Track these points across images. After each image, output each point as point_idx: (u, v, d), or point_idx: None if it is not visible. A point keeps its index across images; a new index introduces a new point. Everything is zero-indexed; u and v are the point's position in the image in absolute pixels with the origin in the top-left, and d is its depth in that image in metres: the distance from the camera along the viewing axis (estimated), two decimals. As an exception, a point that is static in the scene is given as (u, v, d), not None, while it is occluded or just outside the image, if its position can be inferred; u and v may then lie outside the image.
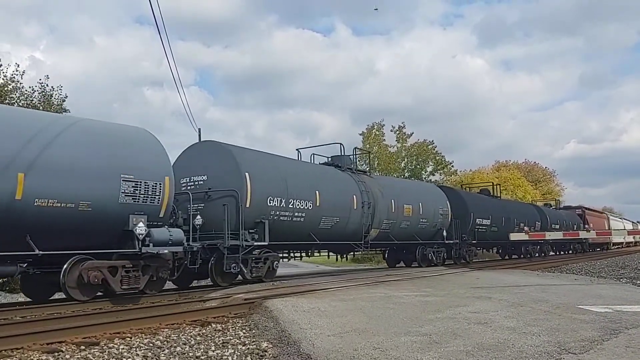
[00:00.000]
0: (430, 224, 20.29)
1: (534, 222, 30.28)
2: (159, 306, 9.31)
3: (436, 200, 21.32)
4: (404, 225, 18.73)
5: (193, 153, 13.48)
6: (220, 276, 12.51)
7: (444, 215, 21.19)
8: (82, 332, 6.61)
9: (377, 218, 17.09)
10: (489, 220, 25.07)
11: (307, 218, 14.07)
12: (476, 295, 9.99)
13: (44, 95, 20.43)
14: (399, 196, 18.69)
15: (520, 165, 62.89)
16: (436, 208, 20.78)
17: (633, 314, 7.18)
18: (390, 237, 18.21)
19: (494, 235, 25.74)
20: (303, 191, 14.06)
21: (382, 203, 17.40)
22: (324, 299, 9.46)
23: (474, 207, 24.08)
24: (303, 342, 5.68)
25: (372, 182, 17.81)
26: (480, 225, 24.28)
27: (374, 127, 41.05)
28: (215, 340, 6.36)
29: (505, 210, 27.65)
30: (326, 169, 16.85)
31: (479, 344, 5.37)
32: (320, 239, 14.54)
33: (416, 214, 19.33)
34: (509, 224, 26.76)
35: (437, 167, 41.42)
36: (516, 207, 31.00)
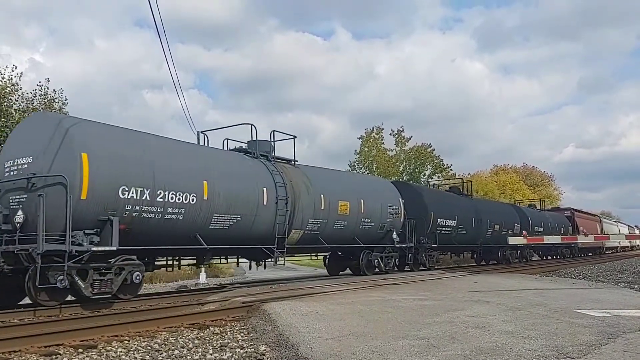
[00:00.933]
0: (376, 224, 17.22)
1: (512, 224, 28.23)
2: (157, 309, 9.31)
3: (385, 196, 18.17)
4: (339, 225, 15.60)
5: (25, 129, 10.54)
6: (46, 292, 9.09)
7: (394, 214, 18.15)
8: (79, 335, 6.61)
9: (298, 217, 13.97)
10: (455, 221, 22.35)
11: (188, 216, 10.91)
12: (474, 299, 10.00)
13: (45, 98, 20.43)
14: (332, 191, 15.54)
15: (518, 169, 63.08)
16: (384, 206, 17.75)
17: (631, 319, 7.19)
18: (320, 240, 15.03)
19: (463, 238, 23.22)
20: (181, 180, 10.86)
21: (306, 199, 14.35)
22: (322, 302, 9.47)
23: (435, 206, 21.32)
24: (301, 346, 5.68)
25: (295, 173, 14.72)
26: (443, 227, 21.60)
27: (373, 130, 41.13)
28: (213, 343, 6.36)
29: (477, 210, 25.00)
30: (223, 154, 13.54)
31: (477, 348, 5.37)
32: (211, 242, 11.47)
33: (356, 212, 16.22)
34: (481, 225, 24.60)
35: (435, 170, 41.49)
36: (490, 207, 28.28)
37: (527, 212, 31.75)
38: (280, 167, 14.16)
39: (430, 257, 21.10)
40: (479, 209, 25.22)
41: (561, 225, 35.96)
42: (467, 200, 25.58)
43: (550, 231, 32.14)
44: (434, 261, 21.44)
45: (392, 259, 18.08)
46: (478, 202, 27.92)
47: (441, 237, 21.15)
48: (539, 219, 32.61)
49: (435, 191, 25.46)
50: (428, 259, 20.84)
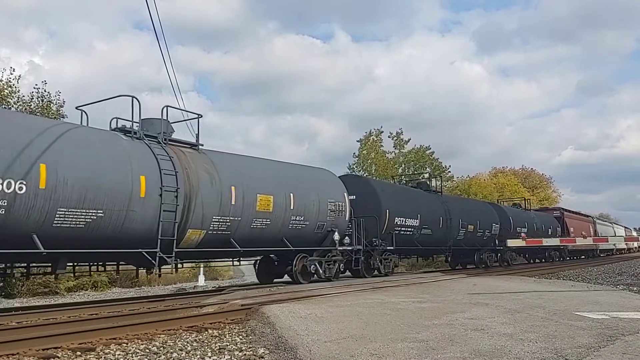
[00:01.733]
0: (311, 223, 14.67)
1: (490, 224, 26.14)
2: (156, 312, 9.30)
3: (325, 190, 15.54)
4: (259, 224, 13.19)
5: None
6: None
7: (337, 211, 15.55)
8: (78, 337, 6.59)
9: (197, 213, 11.51)
10: (417, 220, 19.89)
11: (16, 211, 8.52)
12: (473, 301, 9.99)
13: (42, 101, 20.42)
14: (249, 182, 13.02)
15: (517, 171, 63.12)
16: (323, 201, 15.11)
17: (630, 321, 7.18)
18: (232, 242, 12.62)
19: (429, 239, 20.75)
20: (0, 162, 8.42)
21: (209, 191, 11.91)
22: (321, 304, 9.46)
23: (392, 203, 18.78)
24: (300, 349, 5.67)
25: (197, 159, 12.19)
26: (402, 227, 19.18)
27: (372, 133, 41.17)
28: (212, 346, 6.35)
29: (446, 208, 22.47)
30: (78, 131, 10.43)
31: (476, 350, 5.37)
32: (53, 245, 9.06)
33: (282, 208, 13.72)
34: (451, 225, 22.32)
35: (434, 172, 41.52)
36: (464, 206, 25.84)
37: (509, 211, 29.69)
38: (174, 152, 11.57)
39: (387, 262, 18.84)
40: (449, 208, 22.75)
41: (548, 226, 33.99)
42: (435, 198, 23.11)
43: (535, 232, 30.21)
44: (391, 266, 19.19)
45: (335, 265, 15.86)
46: (449, 199, 25.33)
47: (400, 239, 18.82)
48: (522, 219, 30.60)
49: (392, 186, 22.56)
50: (384, 263, 18.62)
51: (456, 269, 25.14)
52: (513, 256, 29.19)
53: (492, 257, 26.67)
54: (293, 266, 14.70)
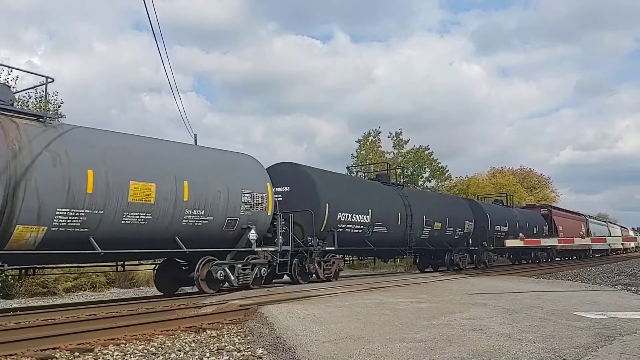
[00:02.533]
0: (217, 218, 12.03)
1: (462, 221, 23.62)
2: (154, 312, 9.29)
3: (238, 179, 12.80)
4: (133, 220, 10.51)
5: None
6: None
7: (255, 204, 12.84)
8: (76, 338, 6.58)
9: (28, 203, 8.95)
10: (368, 216, 17.32)
11: None
12: (471, 301, 10.00)
13: (40, 101, 20.41)
14: (116, 165, 10.38)
15: (515, 171, 63.13)
16: (235, 192, 12.44)
17: (628, 321, 7.19)
18: (92, 242, 9.94)
19: (383, 238, 18.21)
20: None
21: (49, 175, 9.32)
22: (319, 305, 9.46)
23: (334, 196, 16.09)
24: (298, 349, 5.67)
25: (36, 132, 9.49)
26: (348, 224, 16.58)
27: (370, 134, 41.19)
28: (210, 346, 6.34)
29: (407, 204, 19.58)
30: None
31: (474, 350, 5.37)
32: None
33: (170, 200, 11.01)
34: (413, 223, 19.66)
35: (433, 173, 41.57)
36: (430, 201, 23.21)
37: (487, 208, 27.25)
38: (1, 123, 9.03)
39: (328, 265, 16.18)
40: (410, 202, 19.81)
41: (534, 225, 31.69)
42: (392, 191, 20.03)
43: (518, 231, 28.25)
44: (333, 270, 16.43)
45: (254, 270, 13.08)
46: (411, 193, 22.05)
47: (345, 238, 16.26)
48: (502, 217, 28.31)
49: (336, 176, 18.43)
50: (323, 266, 15.92)
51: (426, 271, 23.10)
52: (491, 257, 26.76)
53: (465, 258, 24.12)
54: (195, 272, 11.87)
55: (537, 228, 31.77)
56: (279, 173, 15.57)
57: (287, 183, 15.64)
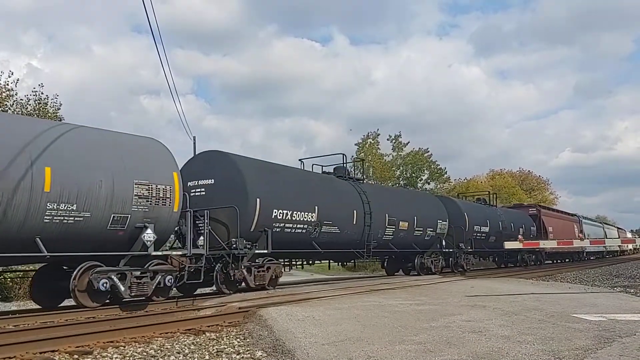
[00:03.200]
0: (98, 215, 9.71)
1: (434, 221, 21.22)
2: (153, 315, 9.28)
3: (132, 167, 10.48)
4: None
5: None
6: None
7: (153, 199, 10.58)
8: (75, 341, 6.58)
9: None
10: (314, 214, 14.60)
11: None
12: (470, 303, 10.00)
13: (38, 103, 20.41)
14: None
15: (514, 173, 63.17)
16: (123, 183, 10.14)
17: (627, 323, 7.20)
18: None
19: (335, 239, 15.58)
20: None
21: None
22: (319, 307, 9.46)
23: (266, 190, 13.34)
24: (297, 351, 5.67)
25: None
26: (287, 223, 13.85)
27: (369, 136, 41.24)
28: (209, 349, 6.34)
29: (365, 200, 17.03)
30: None
31: (473, 352, 5.38)
32: None
33: (19, 190, 8.63)
34: (372, 222, 17.05)
35: (432, 175, 41.61)
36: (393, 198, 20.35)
37: (464, 206, 24.88)
38: None
39: (261, 271, 13.24)
40: (370, 199, 17.29)
41: (519, 226, 29.41)
42: (347, 186, 17.43)
43: (501, 232, 26.49)
44: (267, 277, 13.42)
45: (155, 279, 10.68)
46: (372, 189, 19.56)
47: (285, 239, 13.72)
48: (483, 217, 25.80)
49: (273, 168, 15.09)
50: (254, 273, 13.03)
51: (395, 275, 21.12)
52: (469, 260, 24.27)
53: (438, 261, 21.75)
54: (72, 280, 9.61)
55: (523, 229, 29.37)
56: (203, 163, 13.48)
57: (211, 175, 13.19)
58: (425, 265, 21.00)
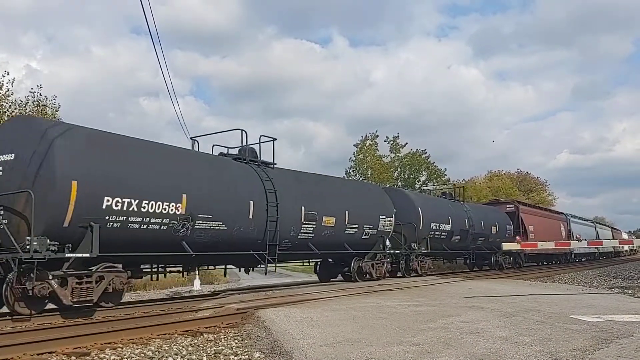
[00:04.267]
0: None
1: (377, 217, 17.42)
2: (151, 316, 9.27)
3: None
4: None
5: None
6: None
7: None
8: (72, 342, 6.57)
9: None
10: (180, 204, 10.83)
11: None
12: (468, 305, 10.01)
13: (37, 105, 20.39)
14: None
15: (512, 175, 63.22)
16: None
17: (624, 324, 7.21)
18: None
19: (219, 238, 11.85)
20: None
21: None
22: (317, 308, 9.46)
23: (90, 170, 9.52)
24: (295, 353, 5.66)
25: None
26: (131, 216, 9.99)
27: (368, 138, 41.26)
28: (207, 350, 6.33)
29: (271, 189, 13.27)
30: None
31: (471, 354, 5.37)
32: None
33: None
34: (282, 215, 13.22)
35: (430, 176, 41.60)
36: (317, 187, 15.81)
37: (418, 200, 21.16)
38: None
39: (84, 284, 9.36)
40: (277, 187, 13.51)
41: (492, 223, 26.11)
42: (246, 170, 13.47)
43: (467, 231, 23.51)
44: (97, 291, 9.54)
45: None
46: (283, 175, 14.69)
47: (129, 238, 10.08)
48: (443, 213, 22.22)
49: (110, 140, 10.70)
50: (72, 286, 9.15)
51: (331, 281, 17.89)
52: (425, 263, 20.93)
53: (382, 264, 17.91)
54: None
55: (497, 228, 26.24)
56: (5, 134, 10.08)
57: (13, 148, 9.60)
58: (364, 270, 17.10)
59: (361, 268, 17.21)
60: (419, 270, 20.49)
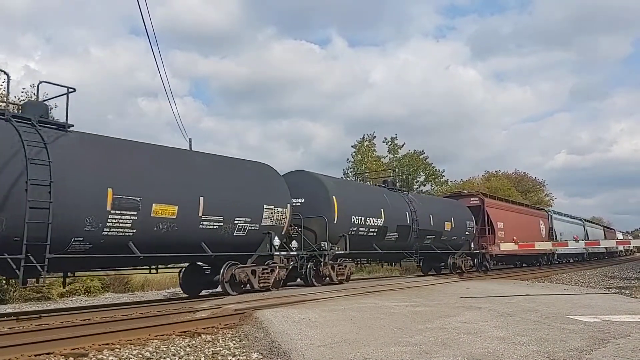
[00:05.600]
0: None
1: (258, 206, 13.12)
2: (149, 317, 9.27)
3: None
4: None
5: None
6: None
7: None
8: (70, 343, 6.56)
9: None
10: None
11: None
12: (466, 305, 10.02)
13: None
14: None
15: (510, 175, 63.28)
16: None
17: (621, 324, 7.23)
18: None
19: None
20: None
21: None
22: (315, 309, 9.46)
23: None
24: (293, 353, 5.67)
25: None
26: None
27: (365, 138, 41.33)
28: (205, 351, 6.34)
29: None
30: None
31: (469, 354, 5.38)
32: None
33: None
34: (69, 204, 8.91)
35: (428, 177, 41.67)
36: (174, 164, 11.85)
37: (332, 186, 16.14)
38: None
39: None
40: (65, 161, 9.61)
41: (446, 219, 21.68)
42: None
43: (409, 227, 19.07)
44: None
45: None
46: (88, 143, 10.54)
47: None
48: (373, 204, 17.52)
49: None
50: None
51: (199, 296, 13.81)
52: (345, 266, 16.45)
53: (270, 270, 13.56)
54: None
55: (453, 224, 21.94)
56: None
57: None
58: (238, 279, 12.70)
59: (234, 276, 12.60)
60: (335, 277, 15.94)
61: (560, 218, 37.46)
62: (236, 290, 12.95)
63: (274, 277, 13.81)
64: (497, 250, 22.13)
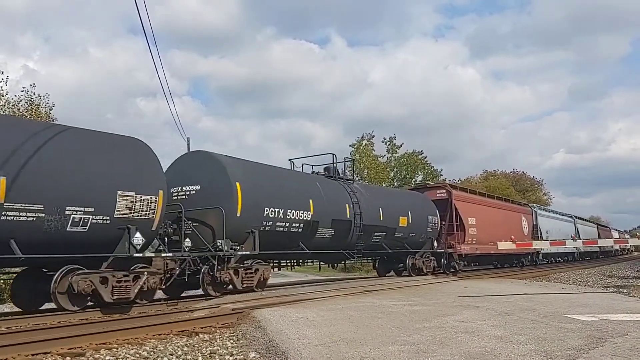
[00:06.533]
0: None
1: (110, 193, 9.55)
2: (146, 316, 9.24)
3: None
4: None
5: None
6: None
7: None
8: (67, 342, 6.54)
9: None
10: None
11: None
12: (464, 304, 10.02)
13: (31, 104, 20.28)
14: None
15: (508, 174, 63.37)
16: None
17: (619, 323, 7.23)
18: None
19: None
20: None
21: None
22: (312, 308, 9.45)
23: None
24: (291, 352, 5.66)
25: None
26: None
27: (364, 138, 41.32)
28: (203, 350, 6.32)
29: None
30: None
31: (467, 353, 5.38)
32: None
33: None
34: None
35: (426, 176, 41.69)
36: None
37: (237, 171, 12.66)
38: None
39: None
40: None
41: (402, 213, 18.57)
42: None
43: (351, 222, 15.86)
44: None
45: None
46: None
47: None
48: (300, 195, 14.25)
49: None
50: None
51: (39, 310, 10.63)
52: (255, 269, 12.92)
53: (129, 280, 10.04)
54: None
55: (410, 219, 18.87)
56: None
57: None
58: (77, 290, 9.31)
59: (72, 286, 9.31)
60: (239, 285, 12.45)
61: (546, 215, 34.55)
62: (77, 304, 9.59)
63: (137, 286, 10.25)
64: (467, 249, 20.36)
